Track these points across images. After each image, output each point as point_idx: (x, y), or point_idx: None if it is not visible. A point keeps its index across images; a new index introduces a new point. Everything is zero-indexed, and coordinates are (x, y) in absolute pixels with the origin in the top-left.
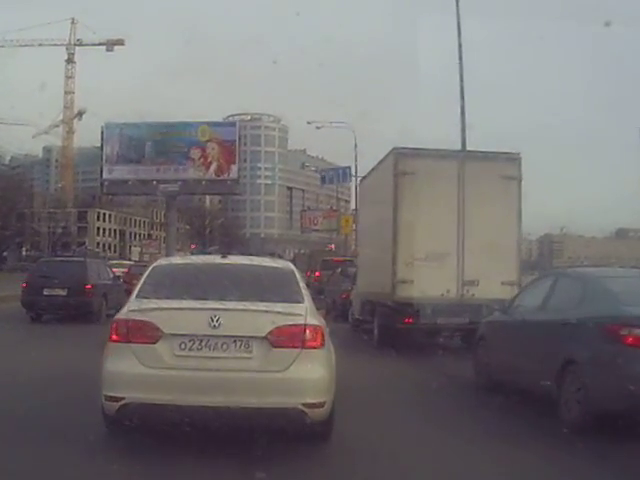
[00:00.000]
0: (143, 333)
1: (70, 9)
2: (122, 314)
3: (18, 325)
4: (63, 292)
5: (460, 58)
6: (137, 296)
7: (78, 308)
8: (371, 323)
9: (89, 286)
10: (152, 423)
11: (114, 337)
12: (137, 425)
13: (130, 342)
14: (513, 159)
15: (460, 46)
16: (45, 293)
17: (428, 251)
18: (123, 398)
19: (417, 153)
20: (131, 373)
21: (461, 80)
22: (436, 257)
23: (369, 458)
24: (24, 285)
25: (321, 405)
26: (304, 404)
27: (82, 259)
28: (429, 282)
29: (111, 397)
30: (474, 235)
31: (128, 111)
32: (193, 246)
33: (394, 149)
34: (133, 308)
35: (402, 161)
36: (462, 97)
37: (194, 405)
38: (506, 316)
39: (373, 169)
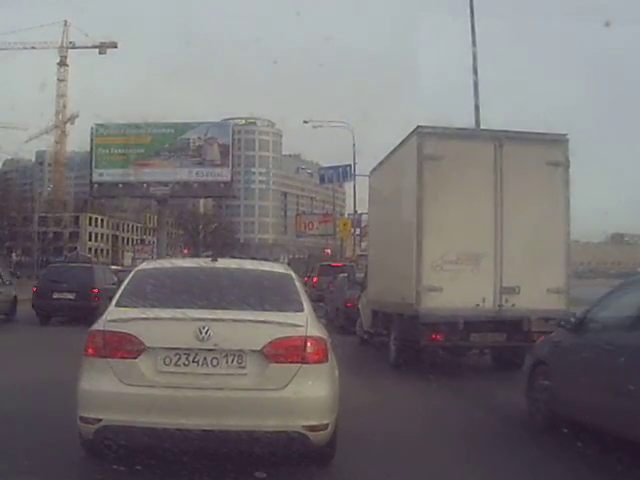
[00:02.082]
0: (122, 347)
1: (62, 11)
2: (99, 325)
3: (27, 327)
4: (71, 296)
5: (474, 41)
6: (116, 304)
7: (85, 311)
8: (385, 337)
9: (95, 290)
10: (133, 447)
11: (90, 351)
12: (117, 450)
13: (108, 357)
14: (560, 141)
15: (473, 30)
16: (54, 297)
17: (460, 252)
18: (100, 420)
19: (446, 134)
20: (109, 392)
21: (474, 69)
22: (469, 259)
23: None
24: (34, 289)
25: (324, 427)
26: (305, 426)
27: (89, 265)
28: (461, 289)
29: (87, 418)
30: (514, 232)
31: (122, 114)
32: (186, 251)
33: (418, 128)
34: (111, 318)
35: (428, 143)
36: (475, 88)
37: (180, 428)
38: (577, 335)
39: (389, 155)
